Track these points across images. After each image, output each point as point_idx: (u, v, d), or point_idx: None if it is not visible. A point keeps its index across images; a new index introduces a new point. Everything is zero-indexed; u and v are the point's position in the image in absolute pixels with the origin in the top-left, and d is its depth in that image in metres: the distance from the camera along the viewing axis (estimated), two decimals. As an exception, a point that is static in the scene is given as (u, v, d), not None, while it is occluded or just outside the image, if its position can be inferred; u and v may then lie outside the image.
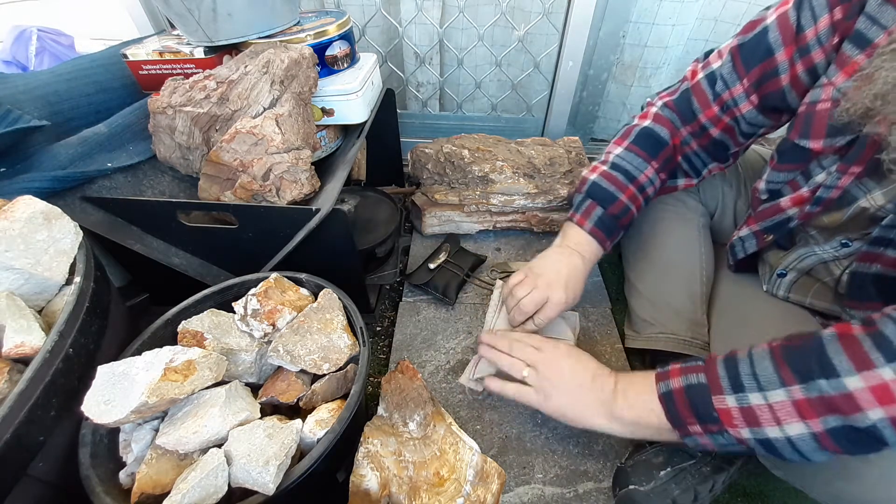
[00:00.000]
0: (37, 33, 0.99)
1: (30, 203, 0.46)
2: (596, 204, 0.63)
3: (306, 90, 0.67)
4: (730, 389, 0.40)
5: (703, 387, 0.42)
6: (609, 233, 0.63)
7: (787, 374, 0.38)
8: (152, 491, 0.42)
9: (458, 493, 0.53)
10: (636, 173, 0.62)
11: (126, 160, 0.68)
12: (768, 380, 0.39)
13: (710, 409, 0.41)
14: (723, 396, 0.40)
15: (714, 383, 0.42)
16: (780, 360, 0.39)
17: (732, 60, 0.54)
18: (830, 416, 0.36)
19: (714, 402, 0.41)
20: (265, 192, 0.62)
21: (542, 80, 1.12)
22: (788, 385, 0.37)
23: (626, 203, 0.62)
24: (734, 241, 0.63)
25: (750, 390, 0.39)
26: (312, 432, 0.46)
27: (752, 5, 0.96)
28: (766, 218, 0.56)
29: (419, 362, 0.78)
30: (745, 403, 0.39)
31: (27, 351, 0.41)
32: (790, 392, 0.37)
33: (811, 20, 0.45)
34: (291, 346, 0.52)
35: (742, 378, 0.40)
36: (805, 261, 0.55)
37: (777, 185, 0.54)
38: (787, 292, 0.61)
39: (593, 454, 0.66)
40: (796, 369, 0.38)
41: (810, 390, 0.36)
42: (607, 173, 0.63)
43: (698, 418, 0.42)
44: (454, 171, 0.99)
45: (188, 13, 0.65)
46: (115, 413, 0.40)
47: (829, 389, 0.35)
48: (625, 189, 0.62)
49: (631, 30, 1.04)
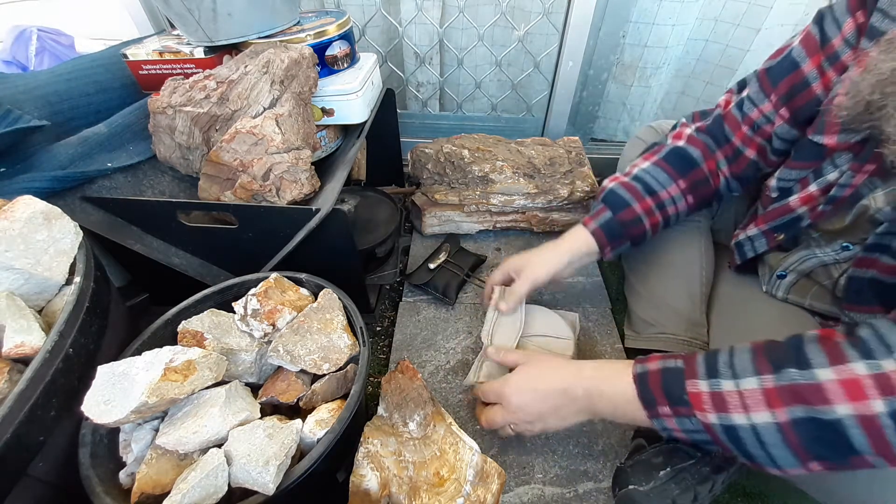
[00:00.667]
0: (37, 33, 0.99)
1: (30, 203, 0.46)
2: (607, 209, 0.63)
3: (306, 90, 0.67)
4: (704, 375, 0.41)
5: (679, 370, 0.43)
6: (612, 237, 0.63)
7: (762, 363, 0.39)
8: (152, 491, 0.42)
9: (458, 493, 0.53)
10: (657, 188, 0.62)
11: (126, 160, 0.68)
12: (743, 368, 0.39)
13: (682, 392, 0.41)
14: (696, 381, 0.41)
15: (690, 369, 0.42)
16: (759, 353, 0.40)
17: (759, 82, 0.55)
18: (797, 405, 0.36)
19: (687, 385, 0.41)
20: (265, 192, 0.62)
21: (542, 80, 1.12)
22: (761, 374, 0.38)
23: (638, 213, 0.62)
24: (741, 240, 0.63)
25: (724, 377, 0.40)
26: (312, 432, 0.46)
27: (752, 5, 0.97)
28: (775, 217, 0.56)
29: (419, 362, 0.78)
30: (716, 389, 0.40)
31: (27, 351, 0.41)
32: (762, 380, 0.38)
33: (835, 29, 0.46)
34: (291, 346, 0.52)
35: (719, 366, 0.41)
36: (806, 263, 0.55)
37: (788, 183, 0.53)
38: (786, 293, 0.61)
39: (593, 454, 0.66)
40: (771, 360, 0.38)
41: (781, 379, 0.37)
42: (626, 183, 0.64)
43: (669, 399, 0.42)
44: (454, 171, 0.99)
45: (188, 13, 0.65)
46: (115, 413, 0.40)
47: (799, 378, 0.36)
48: (641, 199, 0.62)
49: (631, 30, 1.04)
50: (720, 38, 1.04)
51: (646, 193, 0.62)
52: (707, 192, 0.63)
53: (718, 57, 1.07)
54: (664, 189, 0.62)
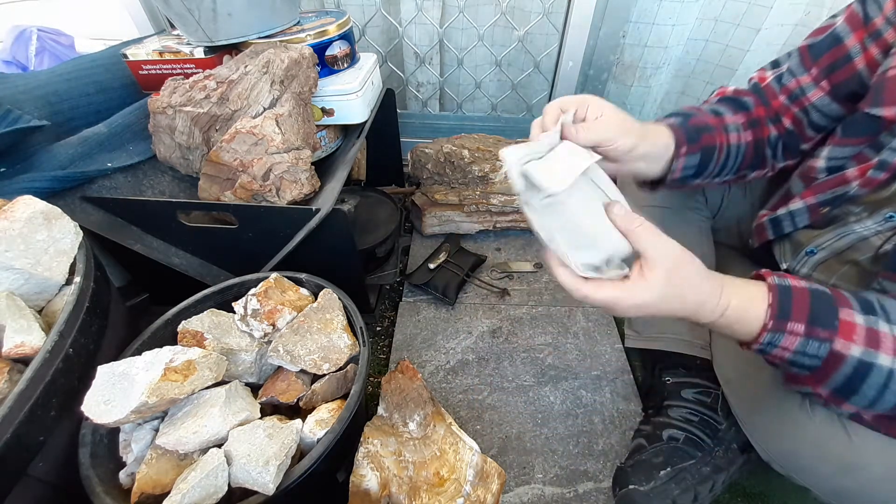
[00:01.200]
0: (37, 33, 0.99)
1: (30, 203, 0.46)
2: (675, 116, 0.55)
3: (306, 90, 0.67)
4: (860, 309, 0.39)
5: (828, 296, 0.40)
6: (688, 136, 0.52)
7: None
8: (152, 491, 0.42)
9: (458, 493, 0.53)
10: (721, 110, 0.56)
11: (126, 160, 0.68)
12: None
13: (833, 317, 0.39)
14: (852, 311, 0.39)
15: (840, 297, 0.39)
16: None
17: (800, 56, 0.54)
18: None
19: (840, 312, 0.39)
20: (265, 192, 0.62)
21: (542, 80, 1.12)
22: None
23: (710, 121, 0.54)
24: (779, 214, 0.58)
25: (880, 317, 0.38)
26: (312, 432, 0.46)
27: (752, 5, 0.96)
28: (826, 189, 0.53)
29: (419, 362, 0.78)
30: (873, 326, 0.38)
31: (27, 351, 0.41)
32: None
33: (877, 9, 0.47)
34: (291, 346, 0.52)
35: (873, 304, 0.39)
36: (843, 239, 0.53)
37: (840, 161, 0.51)
38: (811, 270, 0.58)
39: (593, 454, 0.66)
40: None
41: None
42: (685, 108, 0.58)
43: (811, 319, 0.39)
44: (454, 171, 0.99)
45: (188, 13, 0.65)
46: (115, 413, 0.40)
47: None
48: (706, 115, 0.55)
49: (631, 30, 1.04)
50: (720, 38, 1.04)
51: (711, 113, 0.56)
52: (762, 138, 0.57)
53: (718, 57, 1.07)
54: (727, 115, 0.56)
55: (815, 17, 0.97)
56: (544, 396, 0.73)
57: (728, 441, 0.61)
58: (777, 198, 0.62)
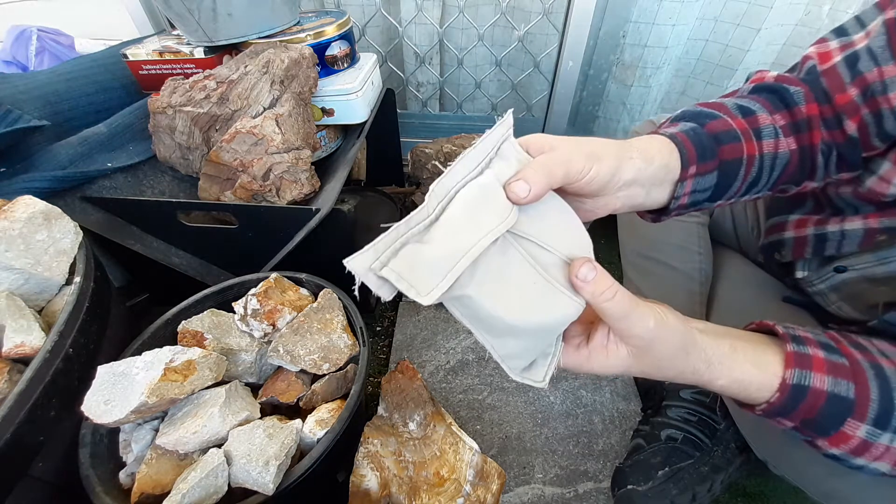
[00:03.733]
0: (37, 33, 0.99)
1: (30, 203, 0.46)
2: (685, 121, 0.42)
3: (306, 90, 0.67)
4: (871, 421, 0.33)
5: (849, 404, 0.33)
6: (701, 150, 0.38)
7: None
8: (152, 491, 0.42)
9: (458, 493, 0.53)
10: (755, 109, 0.42)
11: (126, 160, 0.68)
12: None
13: (833, 427, 0.34)
14: (860, 425, 0.33)
15: (862, 405, 0.33)
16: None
17: (888, 33, 0.38)
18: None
19: (846, 425, 0.33)
20: (265, 192, 0.62)
21: (542, 80, 1.12)
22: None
23: (733, 127, 0.40)
24: (828, 231, 0.48)
25: (888, 431, 0.33)
26: (312, 432, 0.46)
27: (752, 5, 0.96)
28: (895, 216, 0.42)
29: (419, 362, 0.78)
30: (871, 439, 0.33)
31: (27, 351, 0.41)
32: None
33: None
34: (291, 346, 0.52)
35: (892, 415, 0.33)
36: (883, 266, 0.44)
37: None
38: (830, 290, 0.51)
39: (593, 454, 0.66)
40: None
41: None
42: (706, 103, 0.44)
43: (808, 425, 0.34)
44: (454, 171, 0.99)
45: (188, 13, 0.65)
46: (115, 413, 0.40)
47: None
48: (733, 117, 0.41)
49: (631, 30, 1.04)
50: (720, 38, 1.04)
51: (738, 111, 0.42)
52: (810, 146, 0.43)
53: (718, 57, 1.07)
54: (761, 113, 0.42)
55: (816, 17, 0.97)
56: (544, 396, 0.73)
57: (727, 441, 0.61)
58: (812, 203, 0.52)
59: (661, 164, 0.37)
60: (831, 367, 0.34)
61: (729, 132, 0.40)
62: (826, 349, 0.35)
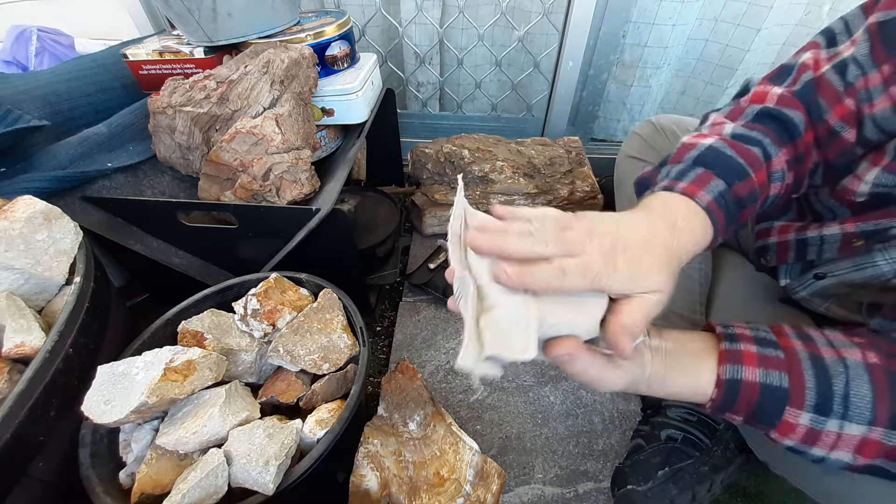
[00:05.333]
0: (37, 33, 0.99)
1: (30, 203, 0.46)
2: (714, 175, 0.40)
3: (306, 90, 0.67)
4: (811, 408, 0.33)
5: (783, 392, 0.34)
6: (730, 220, 0.39)
7: (882, 410, 0.32)
8: (152, 491, 0.42)
9: (458, 493, 0.53)
10: (771, 152, 0.42)
11: (126, 160, 0.68)
12: (858, 412, 0.32)
13: (776, 418, 0.34)
14: (799, 412, 0.33)
15: (797, 393, 0.33)
16: (882, 396, 0.32)
17: (870, 39, 0.39)
18: (887, 460, 0.32)
19: (786, 413, 0.34)
20: (265, 192, 0.62)
21: (542, 80, 1.12)
22: (874, 424, 0.32)
23: (755, 188, 0.40)
24: (808, 237, 0.49)
25: (832, 416, 0.33)
26: (312, 432, 0.46)
27: (752, 5, 0.96)
28: (871, 220, 0.43)
29: (419, 362, 0.78)
30: (817, 426, 0.33)
31: (27, 351, 0.41)
32: (870, 430, 0.32)
33: None
34: (291, 346, 0.52)
35: (833, 401, 0.33)
36: (860, 272, 0.45)
37: (887, 189, 0.41)
38: (811, 295, 0.52)
39: (593, 454, 0.66)
40: (893, 408, 0.32)
41: (891, 437, 0.32)
42: (732, 141, 0.42)
43: (752, 416, 0.35)
44: (454, 171, 0.99)
45: (188, 13, 0.65)
46: (115, 413, 0.40)
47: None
48: (759, 168, 0.41)
49: (631, 30, 1.04)
50: (720, 38, 1.04)
51: (763, 159, 0.42)
52: (800, 176, 0.45)
53: (718, 57, 1.07)
54: (776, 157, 0.43)
55: (816, 17, 0.98)
56: (544, 396, 0.73)
57: (726, 441, 0.61)
58: (796, 209, 0.53)
59: (701, 243, 0.37)
60: (762, 360, 0.35)
61: (752, 193, 0.41)
62: (760, 344, 0.36)
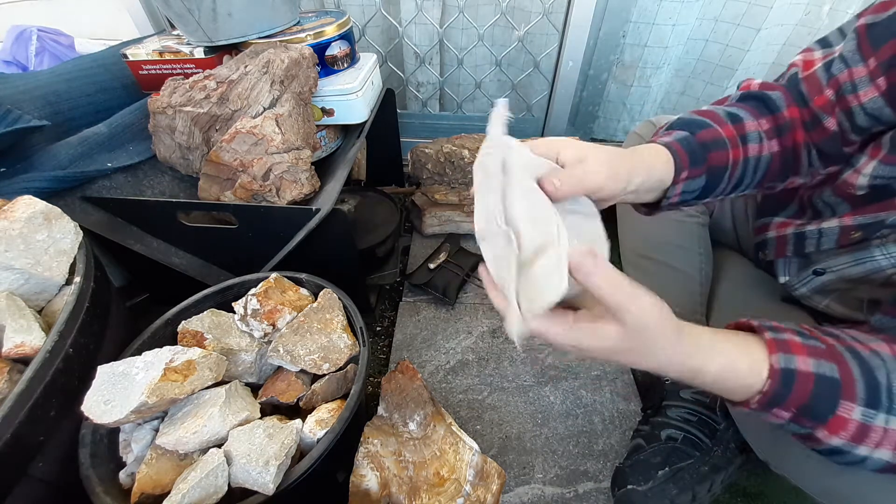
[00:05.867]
0: (37, 33, 0.99)
1: (30, 203, 0.46)
2: (679, 130, 0.46)
3: (306, 90, 0.67)
4: (863, 402, 0.33)
5: (836, 384, 0.33)
6: (693, 157, 0.43)
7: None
8: (152, 491, 0.42)
9: (458, 493, 0.53)
10: (742, 116, 0.47)
11: (126, 160, 0.68)
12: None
13: (828, 411, 0.33)
14: (853, 406, 0.33)
15: (848, 385, 0.33)
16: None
17: (857, 38, 0.43)
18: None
19: (841, 408, 0.33)
20: (265, 192, 0.62)
21: (542, 80, 1.12)
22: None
23: (722, 135, 0.45)
24: (807, 231, 0.51)
25: (881, 410, 0.33)
26: (312, 432, 0.46)
27: (752, 5, 0.96)
28: (870, 213, 0.45)
29: (419, 362, 0.78)
30: (868, 421, 0.33)
31: (27, 351, 0.41)
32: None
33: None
34: (291, 346, 0.52)
35: (881, 393, 0.33)
36: (859, 266, 0.47)
37: (885, 181, 0.43)
38: (811, 292, 0.53)
39: (593, 454, 0.66)
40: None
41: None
42: (699, 110, 0.49)
43: (805, 412, 0.34)
44: (454, 171, 0.99)
45: (188, 13, 0.65)
46: (115, 413, 0.40)
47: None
48: (722, 124, 0.46)
49: (631, 30, 1.04)
50: (720, 38, 1.04)
51: (728, 119, 0.47)
52: (793, 146, 0.48)
53: (718, 57, 1.07)
54: (748, 120, 0.47)
55: (815, 17, 0.97)
56: (544, 396, 0.73)
57: (726, 441, 0.61)
58: (796, 206, 0.55)
59: (658, 177, 0.43)
60: (811, 351, 0.35)
61: (717, 140, 0.45)
62: (801, 336, 0.36)
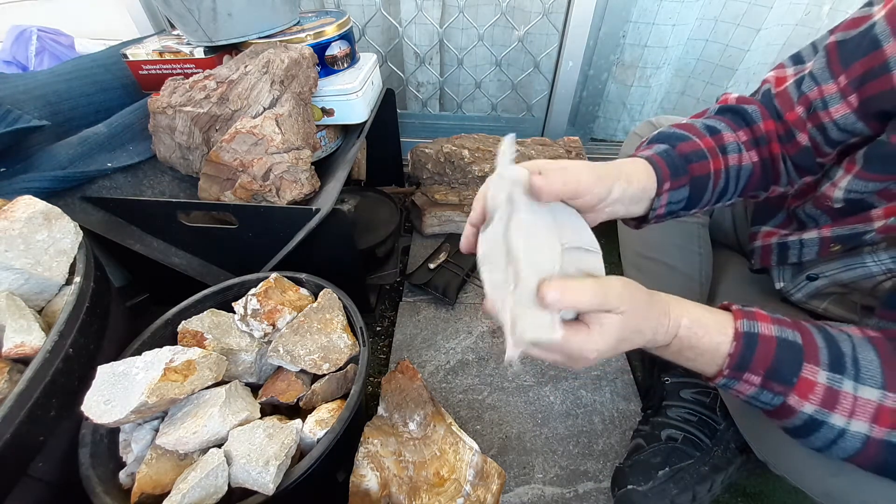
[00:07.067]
0: (37, 33, 0.99)
1: (30, 203, 0.46)
2: (660, 143, 0.48)
3: (306, 90, 0.67)
4: (826, 366, 0.35)
5: (798, 348, 0.36)
6: (674, 169, 0.45)
7: (892, 377, 0.35)
8: (152, 491, 0.42)
9: (458, 493, 0.53)
10: (720, 128, 0.49)
11: (126, 160, 0.68)
12: (870, 374, 0.35)
13: (793, 373, 0.36)
14: (817, 368, 0.35)
15: (811, 350, 0.36)
16: (888, 359, 0.35)
17: (828, 56, 0.44)
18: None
19: (805, 369, 0.36)
20: (265, 192, 0.62)
21: (542, 80, 1.12)
22: (888, 390, 0.34)
23: (701, 147, 0.47)
24: (790, 241, 0.54)
25: (847, 376, 0.35)
26: (312, 432, 0.46)
27: (752, 5, 0.96)
28: (847, 225, 0.47)
29: (419, 362, 0.78)
30: (835, 385, 0.35)
31: (27, 351, 0.41)
32: (885, 396, 0.34)
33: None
34: (291, 346, 0.52)
35: (844, 360, 0.35)
36: (849, 272, 0.49)
37: (860, 195, 0.45)
38: (806, 297, 0.55)
39: (593, 454, 0.66)
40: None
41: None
42: (678, 124, 0.50)
43: (769, 374, 0.36)
44: (454, 171, 0.99)
45: (188, 13, 0.65)
46: (115, 413, 0.40)
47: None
48: (701, 137, 0.48)
49: (631, 30, 1.04)
50: (720, 38, 1.04)
51: (706, 131, 0.48)
52: (770, 157, 0.50)
53: (718, 57, 1.07)
54: (726, 132, 0.48)
55: (815, 17, 0.98)
56: (544, 396, 0.73)
57: (727, 441, 0.61)
58: (783, 216, 0.57)
59: (640, 186, 0.43)
60: (775, 320, 0.38)
61: (697, 151, 0.46)
62: (770, 311, 0.39)
